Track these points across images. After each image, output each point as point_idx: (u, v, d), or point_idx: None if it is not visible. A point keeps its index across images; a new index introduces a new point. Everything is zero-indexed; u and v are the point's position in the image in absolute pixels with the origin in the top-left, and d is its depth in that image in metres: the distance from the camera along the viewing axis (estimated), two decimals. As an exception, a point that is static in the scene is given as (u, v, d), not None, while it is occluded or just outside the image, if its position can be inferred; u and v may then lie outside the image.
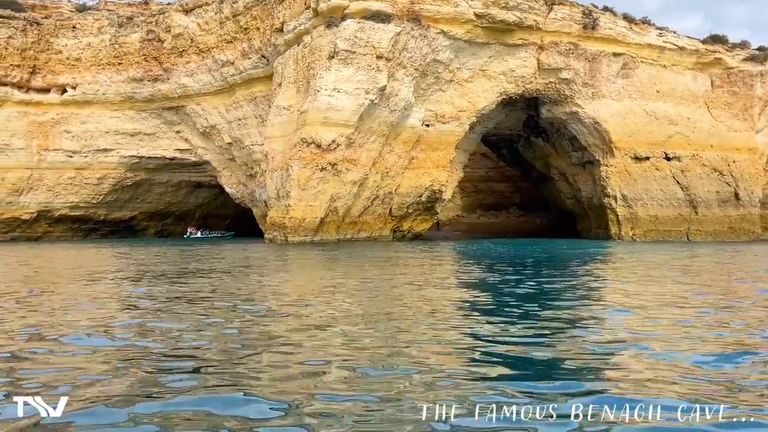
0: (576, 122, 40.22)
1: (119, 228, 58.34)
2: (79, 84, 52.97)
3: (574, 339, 8.71)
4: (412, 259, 24.16)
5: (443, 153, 38.95)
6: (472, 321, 10.69)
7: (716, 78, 42.83)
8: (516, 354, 7.84)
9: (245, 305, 12.48)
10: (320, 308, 11.73)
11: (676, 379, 7.03)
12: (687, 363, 7.52)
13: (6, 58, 51.22)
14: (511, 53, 38.34)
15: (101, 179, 54.37)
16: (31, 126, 52.64)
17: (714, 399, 6.58)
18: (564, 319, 10.31)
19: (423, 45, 35.47)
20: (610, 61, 39.69)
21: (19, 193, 52.95)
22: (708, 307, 11.63)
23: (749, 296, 13.64)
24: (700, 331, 9.42)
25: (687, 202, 39.37)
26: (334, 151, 32.03)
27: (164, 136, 54.21)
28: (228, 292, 14.51)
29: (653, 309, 11.27)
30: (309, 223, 31.39)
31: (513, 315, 11.07)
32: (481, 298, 13.94)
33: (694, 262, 23.12)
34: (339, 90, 32.34)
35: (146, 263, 23.35)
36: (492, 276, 17.98)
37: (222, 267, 20.84)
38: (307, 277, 18.14)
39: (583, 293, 14.55)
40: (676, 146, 39.83)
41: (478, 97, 38.68)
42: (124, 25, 52.83)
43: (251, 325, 10.42)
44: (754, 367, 7.49)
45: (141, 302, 12.90)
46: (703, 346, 8.32)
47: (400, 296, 13.76)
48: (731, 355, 7.81)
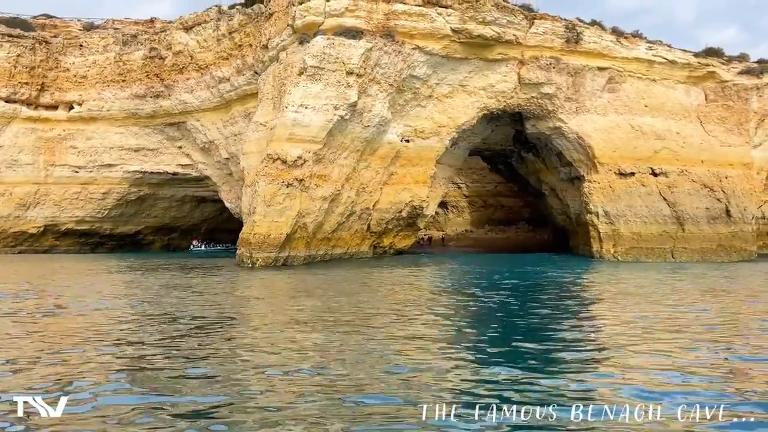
0: (560, 137, 39.65)
1: (125, 242, 59.35)
2: (85, 101, 54.31)
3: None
4: (379, 283, 24.06)
5: (423, 169, 38.78)
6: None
7: (710, 92, 41.79)
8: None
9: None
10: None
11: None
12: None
13: (15, 76, 52.78)
14: (491, 68, 38.06)
15: (106, 194, 55.51)
16: (38, 142, 54.07)
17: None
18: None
19: (397, 61, 35.45)
20: (594, 75, 39.07)
21: (26, 208, 54.31)
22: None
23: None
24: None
25: (674, 218, 38.34)
26: (301, 167, 32.12)
27: (167, 152, 55.16)
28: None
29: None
30: (274, 239, 31.46)
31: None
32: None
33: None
34: (306, 106, 32.48)
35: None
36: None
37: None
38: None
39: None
40: (663, 162, 38.88)
41: (458, 113, 38.46)
42: (129, 43, 54.04)
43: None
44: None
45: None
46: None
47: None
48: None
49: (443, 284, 23.46)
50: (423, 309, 15.85)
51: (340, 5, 34.67)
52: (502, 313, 15.28)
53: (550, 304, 16.94)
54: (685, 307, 16.37)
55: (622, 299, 18.30)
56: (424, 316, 14.49)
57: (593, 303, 18.11)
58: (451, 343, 11.00)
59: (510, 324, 13.58)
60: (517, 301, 17.70)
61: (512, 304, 17.20)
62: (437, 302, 17.39)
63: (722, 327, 13.18)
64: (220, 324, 13.13)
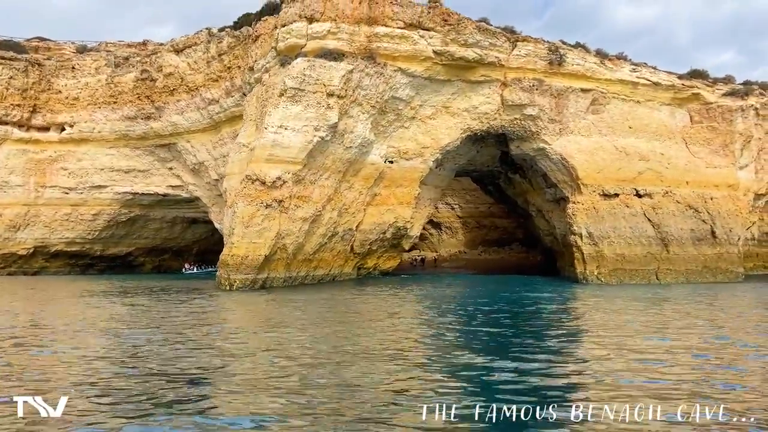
0: (544, 159, 39.66)
1: (116, 263, 59.30)
2: (77, 122, 54.57)
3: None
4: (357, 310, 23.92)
5: (407, 189, 38.80)
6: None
7: (695, 113, 41.84)
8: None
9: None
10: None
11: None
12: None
13: (7, 98, 53.10)
14: (474, 90, 38.19)
15: (96, 215, 55.55)
16: (29, 163, 54.25)
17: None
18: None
19: (379, 82, 35.60)
20: (578, 96, 39.15)
21: (16, 229, 54.33)
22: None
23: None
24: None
25: (658, 239, 38.20)
26: (280, 188, 32.15)
27: (157, 173, 55.27)
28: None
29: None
30: (252, 261, 31.40)
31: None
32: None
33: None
34: (286, 127, 32.58)
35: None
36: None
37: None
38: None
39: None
40: (648, 183, 38.84)
41: (441, 134, 38.55)
42: (121, 65, 54.40)
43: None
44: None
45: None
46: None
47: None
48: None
49: (406, 312, 23.26)
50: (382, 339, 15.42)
51: (322, 28, 34.90)
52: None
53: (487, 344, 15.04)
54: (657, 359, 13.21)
55: (581, 339, 16.19)
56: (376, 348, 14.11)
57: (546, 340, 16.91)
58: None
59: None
60: (462, 337, 16.16)
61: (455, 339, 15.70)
62: (396, 340, 16.49)
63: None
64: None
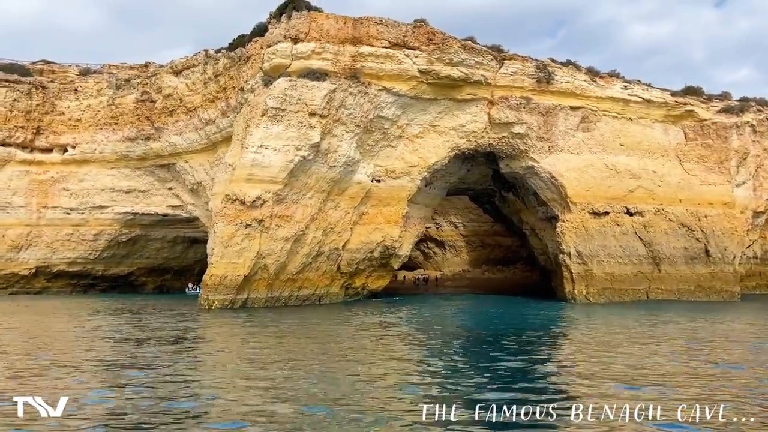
0: (534, 177, 39.32)
1: (118, 283, 59.62)
2: (79, 143, 55.25)
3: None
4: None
5: (395, 209, 38.63)
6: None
7: (689, 130, 41.34)
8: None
9: None
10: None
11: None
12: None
13: (11, 119, 53.96)
14: (460, 108, 38.06)
15: (97, 235, 55.99)
16: (31, 184, 54.95)
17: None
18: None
19: (364, 102, 35.61)
20: (567, 114, 38.85)
21: (19, 250, 54.91)
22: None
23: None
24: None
25: (650, 258, 37.58)
26: (261, 207, 32.16)
27: (157, 193, 55.64)
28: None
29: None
30: (230, 281, 31.36)
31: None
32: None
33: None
34: (267, 147, 32.67)
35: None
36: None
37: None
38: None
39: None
40: (639, 201, 38.31)
41: (428, 153, 38.41)
42: (122, 87, 55.08)
43: None
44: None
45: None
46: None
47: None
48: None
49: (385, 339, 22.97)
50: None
51: (307, 48, 35.05)
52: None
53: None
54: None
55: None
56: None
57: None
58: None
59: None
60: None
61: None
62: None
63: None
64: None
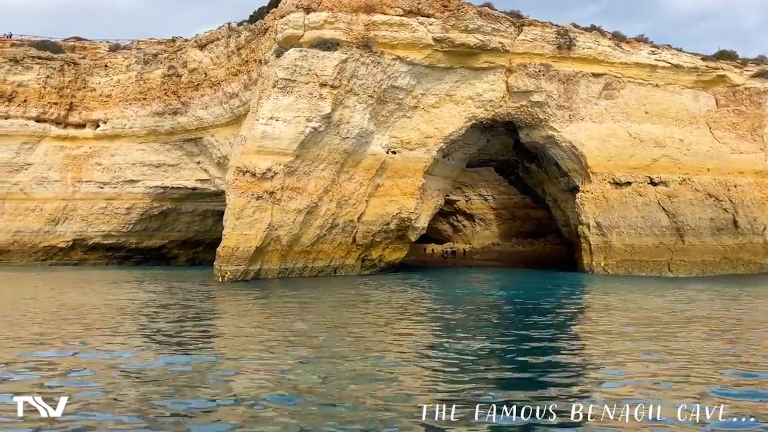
0: (554, 147, 38.35)
1: (151, 255, 60.81)
2: (110, 119, 56.24)
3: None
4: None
5: (411, 180, 38.19)
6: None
7: (721, 96, 39.68)
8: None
9: None
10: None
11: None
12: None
13: (44, 96, 55.20)
14: (477, 77, 37.24)
15: (129, 209, 57.10)
16: (66, 159, 56.23)
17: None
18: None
19: (377, 71, 35.11)
20: (589, 81, 37.66)
21: (56, 223, 56.45)
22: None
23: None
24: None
25: (673, 230, 36.35)
26: (271, 179, 32.15)
27: (186, 167, 56.32)
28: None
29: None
30: (242, 252, 31.53)
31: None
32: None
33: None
34: (277, 118, 32.55)
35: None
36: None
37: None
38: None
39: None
40: (663, 170, 37.01)
41: (445, 123, 37.75)
42: (149, 62, 55.74)
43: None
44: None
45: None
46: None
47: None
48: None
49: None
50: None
51: (319, 18, 34.70)
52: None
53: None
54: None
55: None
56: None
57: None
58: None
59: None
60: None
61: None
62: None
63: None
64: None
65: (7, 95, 54.50)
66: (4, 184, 55.15)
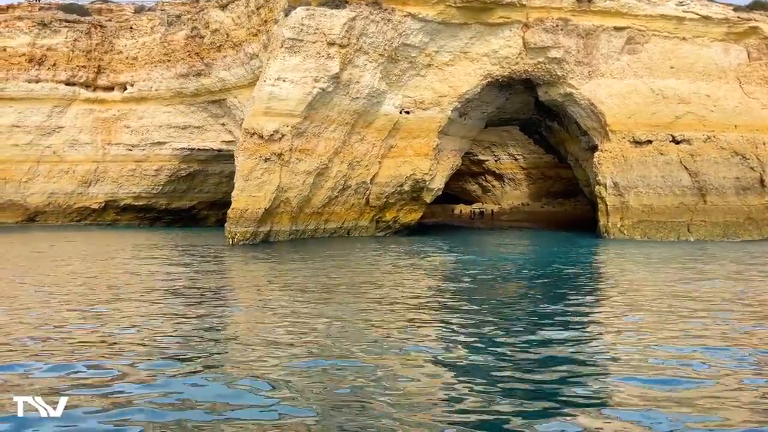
0: (573, 105, 37.11)
1: (181, 216, 61.75)
2: (136, 81, 56.73)
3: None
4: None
5: (425, 141, 37.54)
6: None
7: (753, 49, 37.68)
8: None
9: None
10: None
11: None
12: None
13: (73, 59, 55.90)
14: (493, 33, 36.07)
15: (158, 171, 57.87)
16: (96, 122, 57.14)
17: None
18: None
19: (387, 29, 34.31)
20: (610, 36, 36.15)
21: (88, 185, 57.68)
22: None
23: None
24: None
25: (695, 189, 34.99)
26: (279, 141, 31.93)
27: (211, 129, 56.61)
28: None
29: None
30: (251, 213, 31.56)
31: None
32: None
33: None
34: (284, 79, 32.19)
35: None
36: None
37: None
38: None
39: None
40: (687, 128, 35.51)
41: (459, 81, 36.83)
42: (173, 24, 55.75)
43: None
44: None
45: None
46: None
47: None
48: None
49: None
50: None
51: (329, -25, 33.96)
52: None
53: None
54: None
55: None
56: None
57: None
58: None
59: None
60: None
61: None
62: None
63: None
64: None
65: (37, 59, 55.33)
66: (38, 146, 56.41)
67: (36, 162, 56.63)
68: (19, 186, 56.27)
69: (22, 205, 56.59)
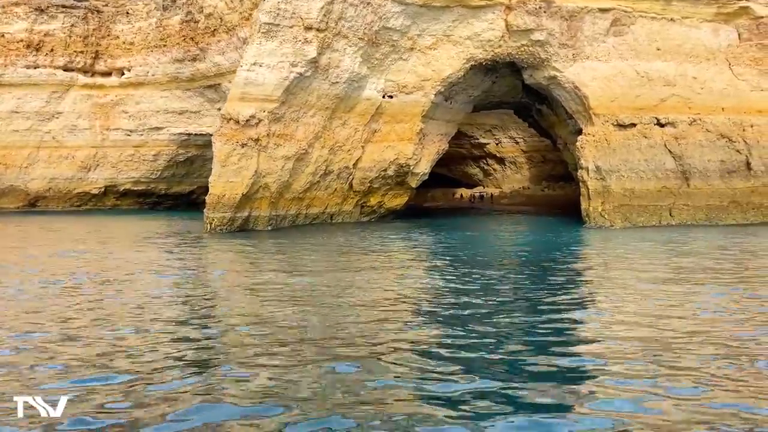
0: (558, 88, 36.65)
1: (181, 201, 62.17)
2: (133, 66, 56.96)
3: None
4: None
5: (408, 125, 37.36)
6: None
7: (744, 30, 36.90)
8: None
9: None
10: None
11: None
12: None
13: (70, 45, 56.27)
14: (475, 16, 35.65)
15: (156, 156, 58.31)
16: (94, 107, 57.53)
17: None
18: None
19: (367, 13, 34.08)
20: (595, 18, 35.56)
21: (88, 170, 58.23)
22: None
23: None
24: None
25: (678, 173, 34.48)
26: (256, 126, 31.94)
27: (208, 114, 56.70)
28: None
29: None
30: (228, 199, 31.69)
31: None
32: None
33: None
34: (261, 64, 32.12)
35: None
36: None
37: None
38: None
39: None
40: (671, 110, 34.93)
41: (442, 65, 36.52)
42: (168, 8, 55.77)
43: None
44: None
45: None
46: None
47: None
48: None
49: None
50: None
51: (305, -42, 33.68)
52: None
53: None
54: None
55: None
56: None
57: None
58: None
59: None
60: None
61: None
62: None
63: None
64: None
65: (34, 45, 55.79)
66: (38, 132, 57.01)
67: (36, 148, 57.24)
68: (20, 172, 56.95)
69: (23, 191, 57.29)
